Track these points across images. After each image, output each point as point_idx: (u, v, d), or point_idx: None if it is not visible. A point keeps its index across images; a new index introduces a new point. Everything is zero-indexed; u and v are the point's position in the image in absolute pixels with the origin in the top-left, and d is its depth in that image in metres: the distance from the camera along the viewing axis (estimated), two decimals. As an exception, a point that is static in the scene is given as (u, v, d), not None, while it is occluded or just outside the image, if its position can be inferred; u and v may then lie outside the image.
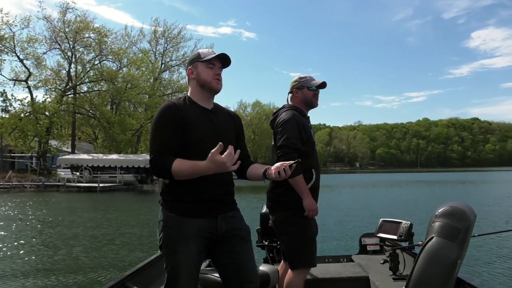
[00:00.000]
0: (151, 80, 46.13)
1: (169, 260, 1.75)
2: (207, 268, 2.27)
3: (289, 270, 2.44)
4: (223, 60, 1.86)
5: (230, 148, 1.53)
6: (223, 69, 1.89)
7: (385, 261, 2.94)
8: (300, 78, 2.57)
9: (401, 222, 2.89)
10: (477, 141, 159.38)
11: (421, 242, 2.06)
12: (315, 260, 2.47)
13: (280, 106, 2.65)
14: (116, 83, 36.86)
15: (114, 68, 40.55)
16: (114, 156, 30.67)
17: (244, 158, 1.89)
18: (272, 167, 1.73)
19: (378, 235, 3.05)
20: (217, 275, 1.93)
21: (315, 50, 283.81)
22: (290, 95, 2.61)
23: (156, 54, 49.23)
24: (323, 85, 2.55)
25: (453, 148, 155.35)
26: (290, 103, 2.61)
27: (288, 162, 1.72)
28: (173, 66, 50.76)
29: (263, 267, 2.24)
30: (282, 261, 2.64)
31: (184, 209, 1.75)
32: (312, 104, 2.58)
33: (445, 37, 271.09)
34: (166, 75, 51.14)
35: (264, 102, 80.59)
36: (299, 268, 2.41)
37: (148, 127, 43.96)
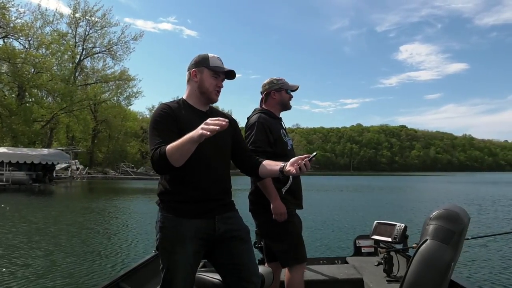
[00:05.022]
0: (69, 66, 40.61)
1: (165, 261, 1.73)
2: (202, 269, 2.18)
3: (286, 270, 2.48)
4: (229, 75, 1.87)
5: (224, 120, 1.48)
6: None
7: (379, 263, 2.94)
8: (277, 80, 2.61)
9: (396, 225, 2.88)
10: (404, 147, 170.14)
11: (415, 245, 2.02)
12: (306, 255, 2.51)
13: (218, 105, 2.38)
14: (16, 64, 30.91)
15: (21, 49, 34.63)
16: (0, 149, 24.97)
17: (249, 156, 1.99)
18: (288, 163, 1.72)
19: (372, 237, 3.02)
20: (212, 276, 1.94)
21: (255, 52, 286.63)
22: (265, 96, 2.62)
23: (77, 38, 43.66)
24: (296, 89, 2.69)
25: (383, 153, 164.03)
26: (262, 105, 2.64)
27: (305, 155, 1.70)
28: (97, 53, 45.62)
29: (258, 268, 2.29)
30: (266, 263, 2.66)
31: (181, 209, 1.73)
32: (288, 106, 2.65)
33: (378, 49, 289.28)
34: (88, 62, 45.77)
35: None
36: (294, 265, 2.44)
37: (62, 119, 38.61)
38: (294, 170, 1.67)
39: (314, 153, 1.71)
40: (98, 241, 7.82)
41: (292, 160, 1.71)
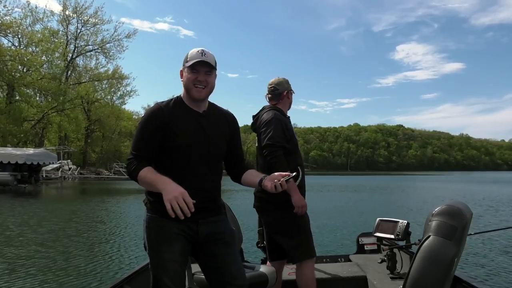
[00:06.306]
0: (61, 64, 39.59)
1: (153, 260, 1.74)
2: None
3: (297, 267, 2.50)
4: (206, 64, 1.75)
5: (188, 213, 1.55)
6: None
7: (382, 261, 2.93)
8: (288, 81, 2.71)
9: (398, 222, 2.88)
10: (401, 147, 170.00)
11: (418, 241, 2.03)
12: (315, 250, 2.54)
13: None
14: (4, 61, 29.80)
15: (9, 46, 33.63)
16: (-17, 149, 23.91)
17: (238, 162, 1.95)
18: (268, 179, 1.74)
19: (375, 234, 3.02)
20: None
21: (252, 52, 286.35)
22: (283, 95, 2.64)
23: (68, 35, 42.67)
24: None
25: (380, 153, 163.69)
26: (277, 103, 2.64)
27: (284, 174, 1.72)
28: (90, 51, 44.65)
29: (261, 268, 2.33)
30: (270, 262, 2.65)
31: (165, 211, 1.65)
32: (290, 108, 2.76)
33: (374, 49, 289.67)
34: (80, 60, 44.81)
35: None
36: (304, 260, 2.46)
37: (52, 118, 37.66)
38: (270, 187, 1.69)
39: (294, 174, 1.72)
40: (98, 243, 7.44)
41: (272, 175, 1.73)
